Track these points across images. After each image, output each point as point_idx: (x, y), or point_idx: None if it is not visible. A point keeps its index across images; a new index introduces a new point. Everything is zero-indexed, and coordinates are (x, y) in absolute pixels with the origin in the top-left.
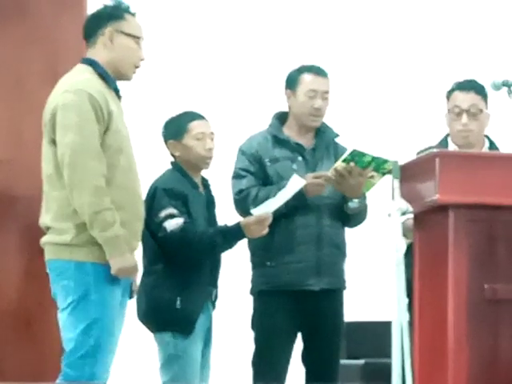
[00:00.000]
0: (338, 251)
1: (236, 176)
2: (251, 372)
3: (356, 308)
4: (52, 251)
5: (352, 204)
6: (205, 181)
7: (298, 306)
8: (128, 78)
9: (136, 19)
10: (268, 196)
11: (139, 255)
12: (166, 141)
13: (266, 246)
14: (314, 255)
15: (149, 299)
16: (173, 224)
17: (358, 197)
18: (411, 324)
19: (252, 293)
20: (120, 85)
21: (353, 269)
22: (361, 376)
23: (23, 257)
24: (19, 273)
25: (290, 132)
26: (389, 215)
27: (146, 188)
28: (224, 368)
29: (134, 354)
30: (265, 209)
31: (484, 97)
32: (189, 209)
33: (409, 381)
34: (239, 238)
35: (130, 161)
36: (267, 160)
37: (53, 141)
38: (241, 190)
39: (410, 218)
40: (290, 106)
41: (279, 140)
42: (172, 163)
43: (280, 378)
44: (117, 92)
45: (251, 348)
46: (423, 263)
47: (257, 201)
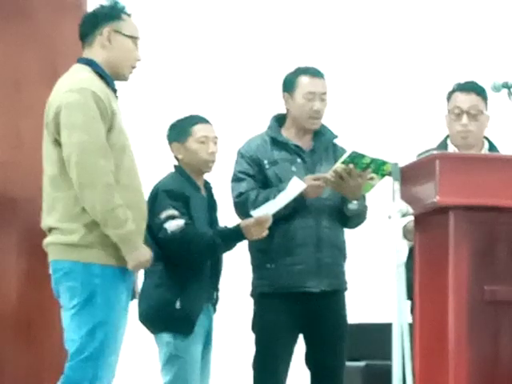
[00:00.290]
0: (338, 252)
1: (235, 179)
2: (251, 374)
3: (357, 310)
4: (58, 251)
5: (351, 206)
6: (207, 184)
7: (299, 308)
8: (125, 79)
9: (132, 20)
10: (268, 198)
11: None
12: (170, 143)
13: (266, 249)
14: (314, 257)
15: (149, 300)
16: (173, 225)
17: (358, 198)
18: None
19: (252, 295)
20: (122, 87)
21: (353, 270)
22: (362, 378)
23: (23, 259)
24: (19, 275)
25: (289, 134)
26: (389, 217)
27: (148, 190)
28: (224, 370)
29: (136, 356)
30: (264, 211)
31: (484, 98)
32: (190, 211)
33: (409, 383)
34: (239, 240)
35: (132, 160)
36: (266, 162)
37: (56, 141)
38: (240, 193)
39: (412, 221)
40: (289, 109)
41: (278, 142)
42: (175, 166)
43: (280, 381)
44: (114, 92)
45: (252, 350)
46: (423, 265)
47: (256, 203)
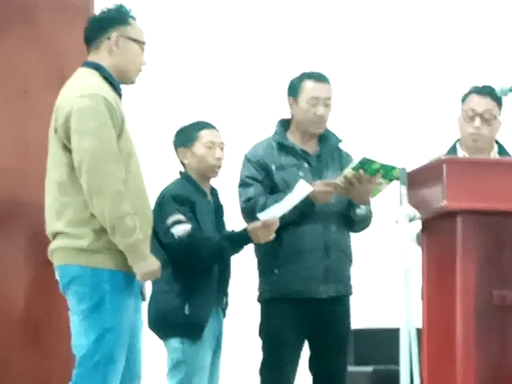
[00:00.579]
0: (345, 257)
1: (243, 184)
2: (259, 380)
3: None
4: (66, 256)
5: (359, 210)
6: (213, 189)
7: (306, 314)
8: (132, 82)
9: (138, 23)
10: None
11: None
12: (176, 148)
13: (274, 254)
14: (322, 263)
15: (157, 305)
16: (180, 230)
17: (366, 203)
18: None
19: (260, 300)
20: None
21: (361, 275)
22: (369, 383)
23: (30, 265)
24: (26, 281)
25: (294, 139)
26: (396, 222)
27: (154, 196)
28: (232, 376)
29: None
30: (271, 214)
31: (499, 104)
32: (196, 215)
33: None
34: (246, 243)
35: (138, 166)
36: (273, 167)
37: (65, 146)
38: (249, 199)
39: None
40: (293, 114)
41: (284, 147)
42: (181, 173)
43: None
44: (120, 97)
45: (259, 356)
46: (431, 269)
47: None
